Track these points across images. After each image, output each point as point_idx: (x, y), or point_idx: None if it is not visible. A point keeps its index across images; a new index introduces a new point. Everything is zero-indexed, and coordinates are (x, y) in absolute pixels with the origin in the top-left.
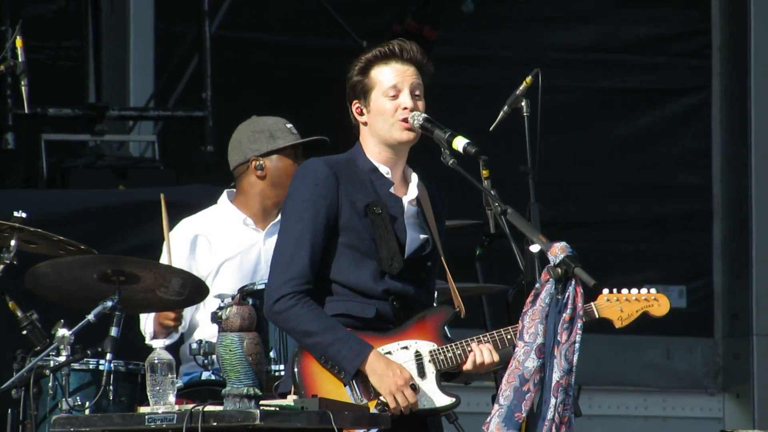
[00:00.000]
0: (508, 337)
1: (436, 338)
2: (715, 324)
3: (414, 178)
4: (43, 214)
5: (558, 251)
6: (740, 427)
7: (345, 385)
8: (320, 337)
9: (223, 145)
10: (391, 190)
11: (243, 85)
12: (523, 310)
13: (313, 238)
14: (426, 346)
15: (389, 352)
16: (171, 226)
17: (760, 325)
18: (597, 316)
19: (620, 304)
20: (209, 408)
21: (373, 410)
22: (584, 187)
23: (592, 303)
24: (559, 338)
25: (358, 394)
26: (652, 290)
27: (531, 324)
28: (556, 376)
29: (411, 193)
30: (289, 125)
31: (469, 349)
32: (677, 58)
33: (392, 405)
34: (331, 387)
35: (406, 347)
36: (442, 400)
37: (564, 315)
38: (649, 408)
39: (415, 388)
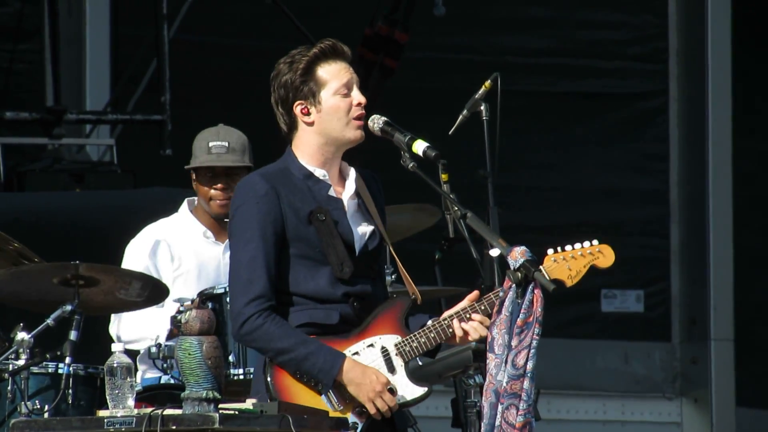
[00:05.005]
0: (468, 316)
1: (398, 330)
2: (673, 329)
3: (351, 173)
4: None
5: (518, 255)
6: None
7: (321, 395)
8: (293, 353)
9: (181, 150)
10: (330, 192)
11: (200, 89)
12: (491, 321)
13: (266, 256)
14: (390, 340)
15: (356, 353)
16: (133, 234)
17: (717, 330)
18: (548, 278)
19: (567, 263)
20: (168, 411)
21: (352, 417)
22: (543, 191)
23: (540, 266)
24: (511, 343)
25: (335, 402)
26: (595, 242)
27: (499, 335)
28: (504, 381)
29: (349, 188)
30: (215, 143)
31: (432, 334)
32: (635, 62)
33: (372, 411)
34: (307, 397)
35: (371, 345)
36: (414, 392)
37: (517, 320)
38: (607, 413)
39: (393, 391)
